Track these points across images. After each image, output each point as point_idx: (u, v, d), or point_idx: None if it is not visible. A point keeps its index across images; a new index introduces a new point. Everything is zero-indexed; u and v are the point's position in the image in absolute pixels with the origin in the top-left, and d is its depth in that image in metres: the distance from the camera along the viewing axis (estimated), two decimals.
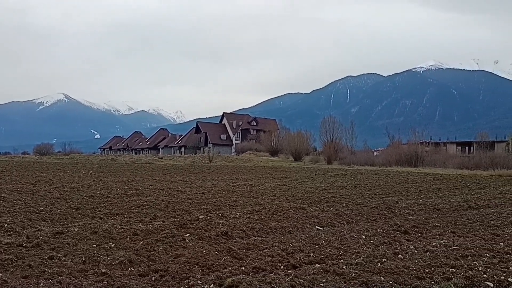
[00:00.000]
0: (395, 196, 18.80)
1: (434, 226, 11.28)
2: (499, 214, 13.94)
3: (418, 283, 6.29)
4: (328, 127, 68.10)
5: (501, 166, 45.08)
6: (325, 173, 34.30)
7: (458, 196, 19.58)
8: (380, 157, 61.63)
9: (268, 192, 18.55)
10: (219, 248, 8.17)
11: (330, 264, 7.18)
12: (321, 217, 12.10)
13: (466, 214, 13.80)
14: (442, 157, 58.53)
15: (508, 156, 55.05)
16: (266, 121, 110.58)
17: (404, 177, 32.36)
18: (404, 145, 62.56)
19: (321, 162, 59.37)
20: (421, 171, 42.14)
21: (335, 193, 18.88)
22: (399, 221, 11.98)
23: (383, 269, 6.85)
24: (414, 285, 6.22)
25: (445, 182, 28.45)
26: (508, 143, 67.20)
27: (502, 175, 37.36)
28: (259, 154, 77.07)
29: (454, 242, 9.17)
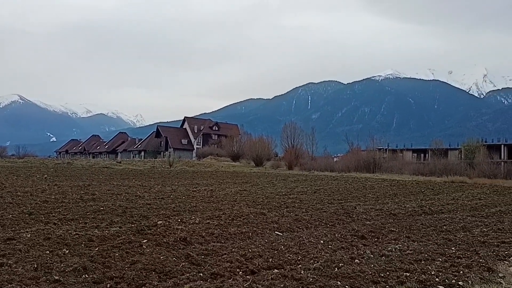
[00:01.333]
0: (353, 201, 19.15)
1: (390, 231, 11.55)
2: (451, 220, 14.43)
3: (374, 287, 6.41)
4: (289, 133, 68.68)
5: (454, 173, 46.76)
6: (286, 179, 34.55)
7: (413, 201, 20.16)
8: (339, 163, 62.62)
9: (228, 198, 18.50)
10: (177, 254, 8.06)
11: (288, 269, 7.21)
12: (281, 223, 12.16)
13: (421, 219, 14.21)
14: (399, 164, 60.12)
15: (461, 163, 57.18)
16: (228, 126, 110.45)
17: (362, 183, 33.02)
18: (363, 151, 63.84)
19: (282, 168, 59.75)
20: (378, 177, 43.11)
21: (295, 199, 19.04)
22: (356, 226, 12.19)
23: (340, 274, 6.95)
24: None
25: (401, 188, 29.23)
26: (460, 150, 69.77)
27: (455, 182, 38.75)
28: (221, 159, 76.79)
29: (409, 246, 9.42)
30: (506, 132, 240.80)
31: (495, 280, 6.81)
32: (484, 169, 49.58)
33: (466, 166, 54.34)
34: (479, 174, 46.63)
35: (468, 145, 68.14)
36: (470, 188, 31.87)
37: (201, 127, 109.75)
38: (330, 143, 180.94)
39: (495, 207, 19.49)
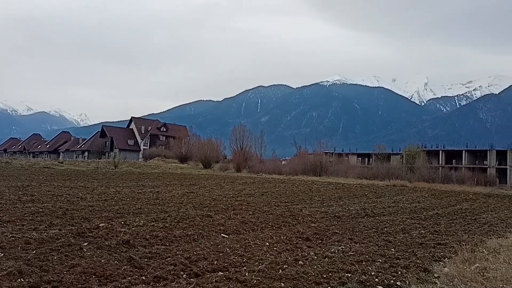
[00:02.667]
0: (299, 204, 19.43)
1: (334, 233, 11.80)
2: (392, 222, 14.96)
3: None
4: (238, 135, 68.83)
5: (395, 177, 48.60)
6: (234, 181, 34.54)
7: (357, 204, 20.73)
8: (287, 166, 63.41)
9: (175, 200, 18.24)
10: (119, 258, 7.85)
11: (233, 272, 7.20)
12: (227, 225, 12.14)
13: (363, 222, 14.62)
14: (344, 167, 61.70)
15: (402, 168, 59.47)
16: (177, 127, 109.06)
17: (309, 185, 33.58)
18: (310, 155, 65.03)
19: (230, 170, 59.73)
20: (325, 180, 44.02)
21: (243, 201, 19.06)
22: (302, 228, 12.37)
23: (284, 275, 7.02)
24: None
25: (346, 191, 29.97)
26: (402, 155, 72.49)
27: (396, 185, 40.24)
28: (168, 160, 75.71)
29: (351, 248, 9.66)
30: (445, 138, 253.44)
31: (430, 280, 7.10)
32: (423, 174, 51.83)
33: (407, 170, 56.59)
34: (419, 178, 48.69)
35: (409, 150, 70.94)
36: (410, 191, 33.17)
37: (148, 127, 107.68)
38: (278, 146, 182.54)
39: (433, 210, 20.40)
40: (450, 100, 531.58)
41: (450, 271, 7.66)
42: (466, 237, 11.97)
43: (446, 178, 52.47)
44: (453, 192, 34.79)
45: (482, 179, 53.08)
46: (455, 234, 12.58)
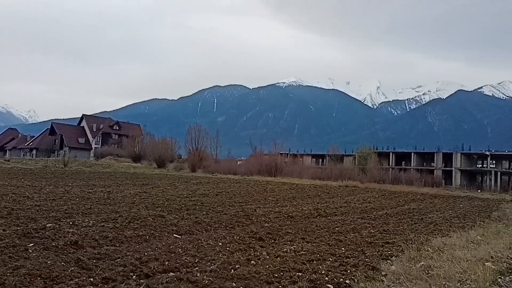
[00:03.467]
0: (254, 204, 19.53)
1: (286, 233, 11.93)
2: (343, 221, 15.31)
3: (267, 287, 6.56)
4: (194, 135, 68.35)
5: (348, 178, 49.77)
6: (188, 181, 34.27)
7: (310, 204, 21.07)
8: (243, 167, 63.61)
9: (126, 200, 17.87)
10: (67, 259, 7.60)
11: (184, 272, 7.13)
12: (180, 225, 12.02)
13: (316, 222, 14.88)
14: (298, 168, 62.57)
15: (355, 169, 60.95)
16: (130, 126, 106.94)
17: (263, 186, 33.81)
18: (265, 155, 65.47)
19: (185, 170, 59.23)
20: (279, 180, 44.46)
21: (197, 201, 18.94)
22: (255, 228, 12.43)
23: (235, 275, 7.02)
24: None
25: (300, 191, 30.39)
26: (355, 157, 74.25)
27: (349, 186, 41.23)
28: (121, 160, 74.14)
29: (303, 247, 9.79)
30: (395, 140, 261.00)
31: (378, 278, 7.30)
32: (374, 175, 53.38)
33: (359, 171, 58.10)
34: (370, 179, 50.09)
35: (362, 152, 72.79)
36: (362, 192, 34.06)
37: (100, 126, 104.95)
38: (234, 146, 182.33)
39: (382, 210, 21.04)
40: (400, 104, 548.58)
41: (396, 269, 7.91)
42: (412, 236, 12.39)
43: (395, 179, 54.24)
44: (402, 193, 36.02)
45: (429, 180, 55.28)
46: (403, 233, 13.00)
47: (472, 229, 14.51)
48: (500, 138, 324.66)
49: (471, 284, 6.94)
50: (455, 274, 7.53)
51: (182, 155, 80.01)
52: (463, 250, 9.95)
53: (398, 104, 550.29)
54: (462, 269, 7.82)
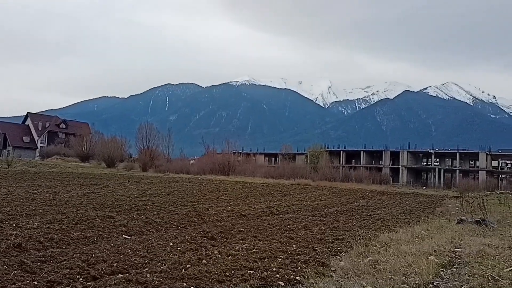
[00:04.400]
0: (206, 203, 19.41)
1: (239, 232, 11.94)
2: (295, 219, 15.50)
3: (218, 286, 6.54)
4: (145, 134, 67.05)
5: (300, 176, 50.47)
6: (139, 181, 33.63)
7: (262, 203, 21.19)
8: (195, 166, 63.13)
9: (73, 200, 17.30)
10: (9, 262, 7.26)
11: (133, 273, 6.98)
12: (130, 226, 11.77)
13: (268, 220, 14.99)
14: (251, 167, 62.78)
15: (306, 167, 61.89)
16: (78, 124, 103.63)
17: (216, 185, 33.69)
18: (218, 154, 65.29)
19: (136, 169, 58.10)
20: (232, 179, 44.44)
21: (147, 201, 18.61)
22: (207, 227, 12.36)
23: (186, 275, 6.95)
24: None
25: (253, 190, 30.51)
26: (307, 155, 75.40)
27: (301, 184, 41.80)
28: (68, 159, 71.72)
29: (255, 245, 9.83)
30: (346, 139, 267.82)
31: (327, 274, 7.44)
32: (326, 173, 54.42)
33: (311, 170, 59.04)
34: (322, 177, 51.01)
35: (313, 150, 74.01)
36: (313, 190, 34.64)
37: (46, 124, 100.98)
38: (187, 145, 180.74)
39: (333, 207, 21.48)
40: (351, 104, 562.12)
41: (345, 264, 8.10)
42: (361, 232, 12.69)
43: (346, 177, 55.54)
44: (352, 190, 36.92)
45: (377, 178, 56.94)
46: (352, 230, 13.32)
47: (417, 224, 15.08)
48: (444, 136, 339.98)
49: (415, 277, 7.20)
50: (400, 268, 7.79)
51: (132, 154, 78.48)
52: (408, 244, 10.32)
53: (348, 104, 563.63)
54: (407, 263, 8.10)
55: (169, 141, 74.06)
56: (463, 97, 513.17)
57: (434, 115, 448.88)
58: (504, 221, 17.32)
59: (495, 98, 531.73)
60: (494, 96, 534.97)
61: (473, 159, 75.78)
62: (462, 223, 15.01)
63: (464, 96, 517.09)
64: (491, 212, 19.54)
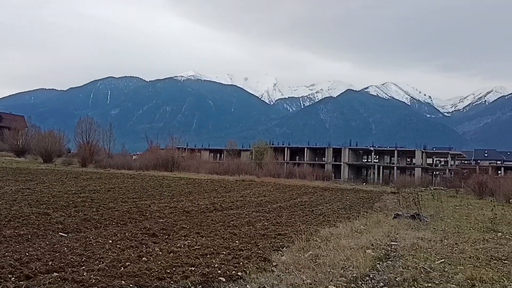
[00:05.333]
0: (148, 199, 19.05)
1: (181, 228, 11.80)
2: (238, 215, 15.54)
3: (158, 283, 6.43)
4: (84, 128, 64.71)
5: (245, 172, 50.63)
6: (78, 176, 32.45)
7: (206, 199, 21.07)
8: (138, 161, 61.80)
9: (7, 197, 16.41)
10: None
11: (69, 272, 6.73)
12: (67, 223, 11.35)
13: (211, 216, 14.92)
14: (196, 163, 62.33)
15: (251, 163, 62.21)
16: (12, 117, 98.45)
17: (159, 181, 33.15)
18: (162, 150, 64.24)
19: (75, 165, 56.03)
20: (176, 175, 43.89)
21: (86, 198, 17.99)
22: (149, 224, 12.13)
23: (125, 273, 6.78)
24: (154, 286, 6.34)
25: (197, 186, 30.28)
26: (252, 151, 75.82)
27: (245, 180, 41.96)
28: (2, 154, 67.92)
29: (197, 242, 9.77)
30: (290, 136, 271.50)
31: (269, 269, 7.52)
32: (270, 169, 54.94)
33: (256, 166, 59.40)
34: (266, 173, 51.47)
35: (258, 147, 74.52)
36: (258, 186, 34.87)
37: None
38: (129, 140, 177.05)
39: (277, 203, 21.73)
40: (295, 101, 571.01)
41: (287, 259, 8.22)
42: (303, 227, 12.89)
43: (290, 173, 56.39)
44: (295, 186, 37.51)
45: (320, 174, 58.26)
46: (294, 225, 13.51)
47: (356, 219, 15.56)
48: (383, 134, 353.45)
49: (353, 270, 7.43)
50: (339, 261, 8.01)
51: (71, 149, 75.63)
52: (347, 239, 10.64)
53: (293, 101, 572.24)
54: (346, 257, 8.35)
55: (110, 136, 72.09)
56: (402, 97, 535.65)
57: (375, 113, 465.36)
58: (437, 215, 18.26)
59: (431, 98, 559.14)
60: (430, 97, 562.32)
61: (410, 156, 79.27)
62: (398, 218, 15.64)
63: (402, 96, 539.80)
64: (425, 207, 20.51)
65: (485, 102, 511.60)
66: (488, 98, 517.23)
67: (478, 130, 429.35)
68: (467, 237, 12.08)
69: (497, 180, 42.13)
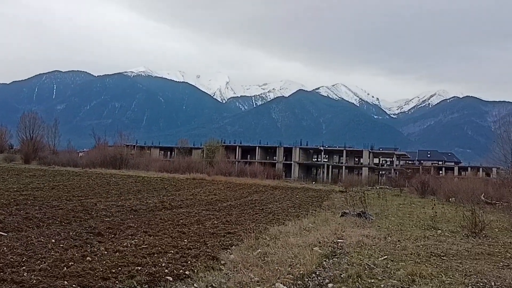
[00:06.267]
0: (94, 198, 18.56)
1: (128, 227, 11.57)
2: (188, 214, 15.41)
3: (102, 283, 6.27)
4: (28, 123, 62.25)
5: (196, 171, 50.30)
6: (20, 173, 31.15)
7: (155, 197, 20.78)
8: (84, 158, 60.07)
9: None
10: None
11: (9, 273, 6.45)
12: (7, 222, 10.87)
13: (160, 215, 14.72)
14: (146, 161, 61.25)
15: (202, 162, 61.85)
16: None
17: (107, 179, 32.36)
18: (110, 147, 62.72)
19: (17, 161, 53.74)
20: (124, 173, 42.98)
21: (29, 195, 17.31)
22: (94, 223, 11.81)
23: (68, 273, 6.57)
24: (98, 286, 6.18)
25: (146, 184, 29.79)
26: (203, 150, 75.34)
27: (196, 179, 41.69)
28: None
29: (145, 241, 9.61)
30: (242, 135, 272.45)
31: (217, 267, 7.52)
32: (221, 167, 54.81)
33: (207, 164, 59.11)
34: (217, 172, 51.30)
35: (210, 145, 74.12)
36: (209, 184, 34.74)
37: None
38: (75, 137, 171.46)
39: (227, 201, 21.72)
40: (248, 100, 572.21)
41: (235, 257, 8.24)
42: (252, 225, 13.03)
43: (241, 171, 56.46)
44: (246, 185, 37.64)
45: (271, 173, 58.70)
46: (244, 223, 13.59)
47: (305, 217, 15.84)
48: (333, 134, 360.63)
49: (300, 267, 7.55)
50: (287, 259, 8.13)
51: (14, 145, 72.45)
52: (296, 237, 10.80)
53: (245, 100, 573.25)
54: (294, 254, 8.48)
55: (55, 132, 69.73)
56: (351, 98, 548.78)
57: (325, 114, 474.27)
58: (382, 213, 18.89)
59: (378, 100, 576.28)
60: (377, 98, 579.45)
61: (358, 156, 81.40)
62: (345, 216, 16.06)
63: (352, 97, 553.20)
64: (371, 205, 21.19)
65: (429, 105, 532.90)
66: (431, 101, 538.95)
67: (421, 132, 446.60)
68: (409, 235, 12.57)
69: (438, 180, 44.07)
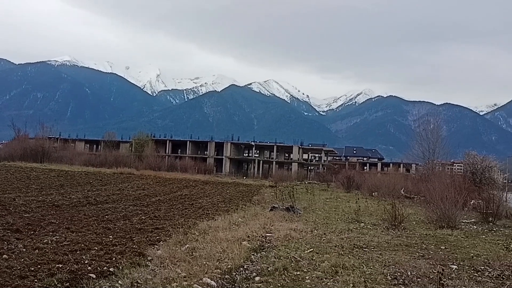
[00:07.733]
0: (13, 193, 17.56)
1: (49, 223, 11.04)
2: (114, 209, 14.95)
3: (20, 282, 5.94)
4: None
5: (124, 165, 48.95)
6: None
7: (79, 192, 19.98)
8: (2, 151, 56.62)
9: None
10: None
11: None
12: None
13: (84, 210, 14.17)
14: (70, 154, 58.76)
15: (131, 156, 60.28)
16: None
17: (27, 173, 30.70)
18: (31, 139, 59.53)
19: None
20: (46, 167, 40.96)
21: None
22: (12, 219, 11.16)
23: None
24: (15, 285, 5.83)
25: (70, 178, 28.59)
26: (131, 143, 73.39)
27: (124, 173, 40.56)
28: None
29: (67, 237, 9.21)
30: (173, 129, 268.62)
31: (143, 264, 7.36)
32: (150, 162, 53.73)
33: (135, 158, 57.70)
34: (146, 166, 50.24)
35: (138, 139, 72.32)
36: (137, 179, 33.93)
37: None
38: None
39: (156, 196, 21.34)
40: (179, 93, 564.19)
41: (162, 253, 8.11)
42: (182, 220, 12.89)
43: (171, 166, 55.68)
44: (176, 180, 37.19)
45: (202, 168, 58.45)
46: (173, 219, 13.42)
47: (235, 212, 15.93)
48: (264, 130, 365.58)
49: (228, 262, 7.59)
50: (215, 254, 8.13)
51: None
52: (225, 231, 10.83)
53: (177, 94, 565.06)
54: (222, 249, 8.50)
55: None
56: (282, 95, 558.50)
57: (257, 109, 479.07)
58: (309, 208, 19.45)
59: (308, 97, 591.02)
60: (307, 96, 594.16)
61: (288, 152, 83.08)
62: (275, 210, 16.34)
63: (283, 94, 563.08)
64: (299, 200, 21.72)
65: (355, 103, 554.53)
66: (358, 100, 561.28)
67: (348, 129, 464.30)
68: (334, 228, 13.03)
69: (362, 175, 46.09)
